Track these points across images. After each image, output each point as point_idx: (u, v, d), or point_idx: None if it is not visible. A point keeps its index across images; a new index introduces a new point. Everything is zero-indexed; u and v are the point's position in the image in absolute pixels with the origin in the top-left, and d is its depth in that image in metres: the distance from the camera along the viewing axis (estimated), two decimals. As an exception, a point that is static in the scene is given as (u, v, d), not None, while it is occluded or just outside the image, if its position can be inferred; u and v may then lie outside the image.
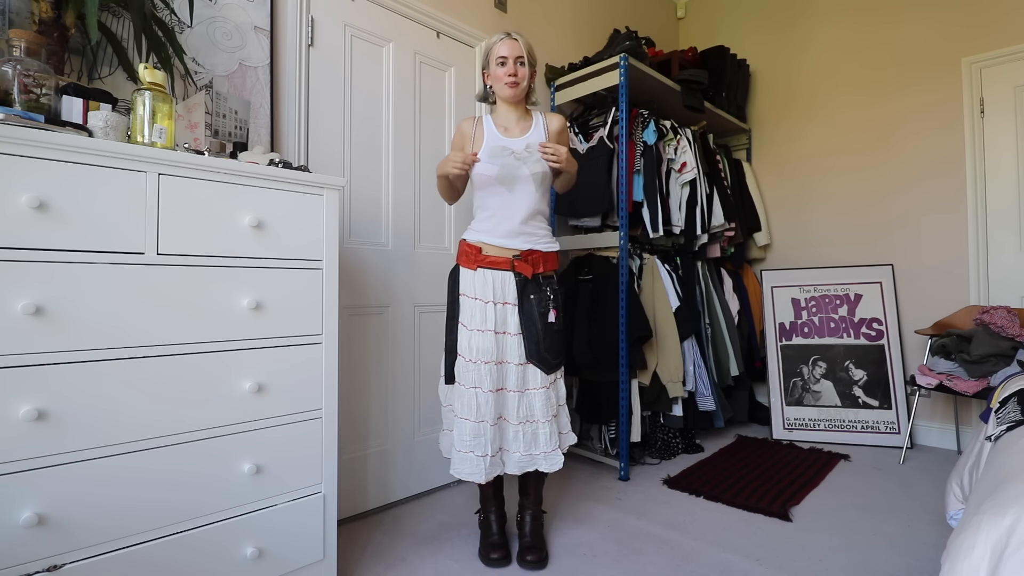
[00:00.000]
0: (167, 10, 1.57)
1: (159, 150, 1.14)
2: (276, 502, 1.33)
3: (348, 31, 2.04)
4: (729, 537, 1.82)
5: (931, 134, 2.87)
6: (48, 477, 1.02)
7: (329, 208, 1.45)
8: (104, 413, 1.08)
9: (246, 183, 1.29)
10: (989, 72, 2.71)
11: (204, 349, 1.22)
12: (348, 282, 1.99)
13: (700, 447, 2.78)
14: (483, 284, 1.59)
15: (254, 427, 1.30)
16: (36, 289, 1.01)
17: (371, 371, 2.06)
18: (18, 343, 0.99)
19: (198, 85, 1.64)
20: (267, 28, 1.81)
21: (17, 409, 0.98)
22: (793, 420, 2.99)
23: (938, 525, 1.88)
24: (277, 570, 1.33)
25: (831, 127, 3.22)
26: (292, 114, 1.86)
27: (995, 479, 1.08)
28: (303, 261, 1.40)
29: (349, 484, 1.95)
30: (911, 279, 2.93)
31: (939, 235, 2.85)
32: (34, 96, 1.14)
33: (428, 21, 2.29)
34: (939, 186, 2.84)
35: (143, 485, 1.13)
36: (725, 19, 3.69)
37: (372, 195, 2.10)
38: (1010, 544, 0.84)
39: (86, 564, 1.05)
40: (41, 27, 1.25)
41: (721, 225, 2.95)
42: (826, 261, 3.21)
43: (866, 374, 2.91)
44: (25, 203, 0.99)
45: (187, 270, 1.20)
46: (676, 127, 2.80)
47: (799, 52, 3.34)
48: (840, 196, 3.18)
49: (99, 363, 1.08)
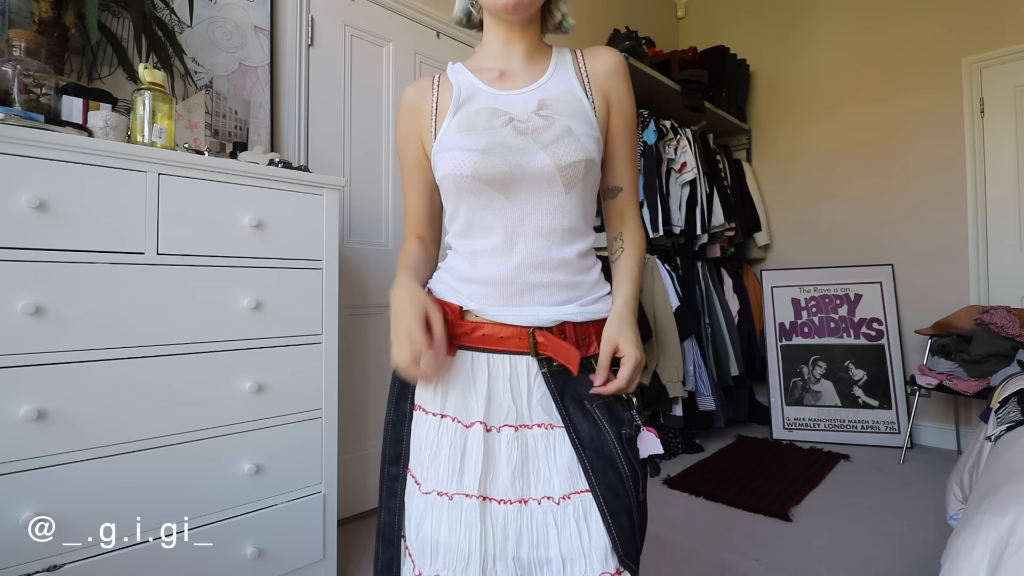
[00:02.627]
0: (167, 10, 1.57)
1: (159, 150, 1.14)
2: (276, 502, 1.33)
3: (348, 31, 2.04)
4: (729, 537, 1.81)
5: (931, 134, 2.87)
6: (48, 477, 1.02)
7: (329, 208, 1.44)
8: (104, 413, 1.08)
9: (246, 183, 1.29)
10: (989, 72, 2.71)
11: (204, 349, 1.22)
12: (348, 282, 1.99)
13: (700, 447, 2.78)
14: (464, 385, 0.73)
15: (254, 427, 1.30)
16: (36, 289, 1.00)
17: (371, 371, 2.06)
18: (18, 343, 0.99)
19: (198, 85, 1.64)
20: (267, 28, 1.81)
21: (17, 409, 0.98)
22: (793, 420, 2.99)
23: (938, 525, 1.88)
24: (277, 570, 1.33)
25: (831, 127, 3.21)
26: (292, 114, 1.86)
27: (995, 479, 1.08)
28: (303, 261, 1.40)
29: (349, 484, 1.95)
30: (911, 279, 2.93)
31: (939, 235, 2.84)
32: (34, 96, 1.14)
33: (428, 21, 2.29)
34: (939, 186, 2.84)
35: (143, 485, 1.13)
36: (725, 19, 3.69)
37: (372, 195, 2.10)
38: (1010, 544, 0.84)
39: (86, 564, 1.05)
40: (41, 27, 1.25)
41: (721, 225, 2.95)
42: (826, 261, 3.21)
43: (866, 374, 2.91)
44: (25, 203, 0.99)
45: (187, 270, 1.19)
46: (676, 127, 2.80)
47: (799, 52, 3.34)
48: (840, 196, 3.18)
49: (99, 363, 1.08)
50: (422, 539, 0.69)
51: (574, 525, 0.66)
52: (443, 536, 0.67)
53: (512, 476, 0.68)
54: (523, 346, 0.71)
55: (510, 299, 0.72)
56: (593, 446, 0.68)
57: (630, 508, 0.67)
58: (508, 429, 0.70)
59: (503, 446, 0.69)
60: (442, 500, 0.68)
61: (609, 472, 0.67)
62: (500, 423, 0.70)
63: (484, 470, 0.68)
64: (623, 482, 0.67)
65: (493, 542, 0.66)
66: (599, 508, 0.66)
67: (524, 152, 0.71)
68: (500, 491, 0.68)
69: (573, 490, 0.67)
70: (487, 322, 0.73)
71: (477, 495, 0.67)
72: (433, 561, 0.67)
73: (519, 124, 0.73)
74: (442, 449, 0.70)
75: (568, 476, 0.68)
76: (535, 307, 0.72)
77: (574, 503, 0.67)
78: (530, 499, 0.68)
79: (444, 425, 0.71)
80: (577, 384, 0.71)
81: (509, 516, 0.67)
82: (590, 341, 0.74)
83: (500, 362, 0.72)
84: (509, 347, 0.72)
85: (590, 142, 0.73)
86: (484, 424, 0.70)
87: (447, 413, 0.72)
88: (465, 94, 0.78)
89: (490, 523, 0.67)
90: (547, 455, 0.69)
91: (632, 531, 0.67)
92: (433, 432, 0.72)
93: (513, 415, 0.70)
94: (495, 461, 0.69)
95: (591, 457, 0.68)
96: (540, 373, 0.72)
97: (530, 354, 0.71)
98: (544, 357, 0.71)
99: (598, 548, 0.65)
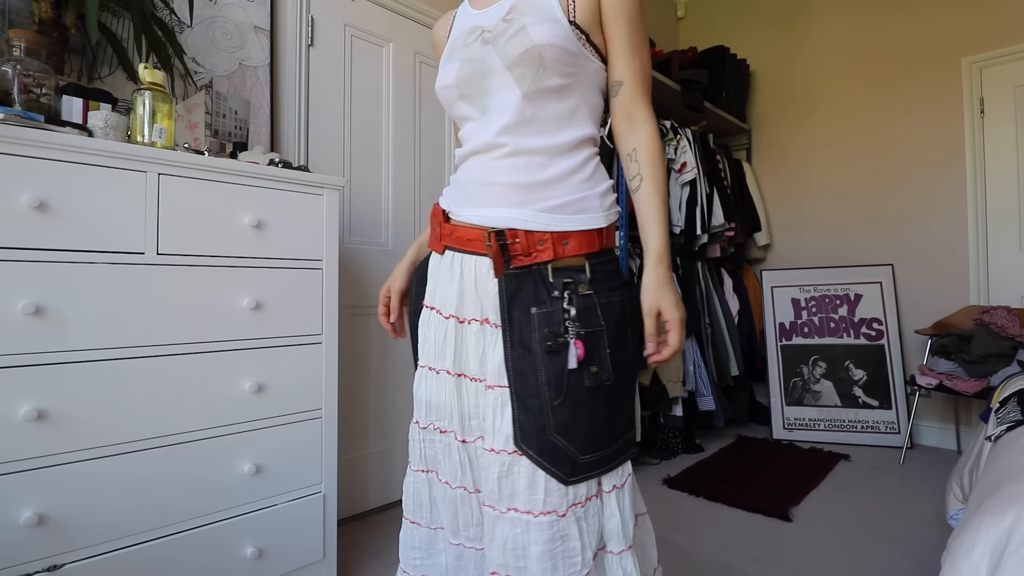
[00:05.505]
0: (167, 10, 1.57)
1: (159, 150, 1.14)
2: (276, 502, 1.33)
3: (348, 31, 2.04)
4: (729, 537, 1.81)
5: (931, 134, 2.87)
6: (48, 477, 1.02)
7: (329, 208, 1.44)
8: (104, 413, 1.08)
9: (246, 183, 1.29)
10: (989, 72, 2.71)
11: (204, 349, 1.22)
12: (348, 282, 1.99)
13: (700, 447, 2.78)
14: (448, 280, 0.83)
15: (254, 427, 1.30)
16: (36, 289, 1.00)
17: (371, 371, 2.06)
18: (18, 343, 0.99)
19: (198, 85, 1.64)
20: (267, 28, 1.81)
21: (17, 409, 0.98)
22: (793, 420, 2.99)
23: (938, 525, 1.88)
24: (277, 570, 1.33)
25: (831, 127, 3.21)
26: (292, 114, 1.86)
27: (995, 479, 1.08)
28: (303, 261, 1.40)
29: (349, 484, 1.95)
30: (911, 279, 2.93)
31: (939, 235, 2.85)
32: (34, 96, 1.14)
33: (428, 21, 2.29)
34: (939, 186, 2.84)
35: (143, 485, 1.13)
36: (725, 19, 3.69)
37: (372, 195, 2.10)
38: (1010, 544, 0.84)
39: (86, 564, 1.05)
40: (41, 27, 1.25)
41: (721, 225, 2.95)
42: (826, 261, 3.21)
43: (866, 374, 2.91)
44: (25, 203, 0.99)
45: (187, 270, 1.20)
46: (676, 127, 2.80)
47: (799, 53, 3.34)
48: (840, 195, 3.18)
49: (99, 363, 1.08)
50: (419, 399, 0.88)
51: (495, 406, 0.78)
52: (433, 397, 0.85)
53: (479, 360, 0.80)
54: (484, 248, 0.78)
55: (474, 200, 0.80)
56: (520, 346, 0.76)
57: (540, 401, 0.75)
58: (475, 323, 0.81)
59: (471, 336, 0.81)
60: (431, 373, 0.85)
61: (526, 373, 0.75)
62: (469, 317, 0.81)
63: (456, 355, 0.82)
64: (536, 383, 0.75)
65: (467, 405, 0.82)
66: (512, 403, 0.76)
67: (484, 59, 0.77)
68: (472, 370, 0.81)
69: (498, 383, 0.78)
70: (459, 224, 0.82)
71: (454, 372, 0.82)
72: (428, 414, 0.87)
73: (487, 35, 0.78)
74: (428, 335, 0.85)
75: (498, 371, 0.78)
76: (492, 208, 0.78)
77: (495, 393, 0.78)
78: (477, 378, 0.81)
79: (432, 316, 0.85)
80: (532, 290, 0.77)
81: (480, 389, 0.80)
82: (546, 246, 0.76)
83: (470, 262, 0.80)
84: (474, 248, 0.79)
85: (541, 30, 0.73)
86: (457, 317, 0.82)
87: (434, 306, 0.85)
88: (458, 21, 0.88)
89: (464, 393, 0.82)
90: (492, 348, 0.79)
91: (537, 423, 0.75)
92: (424, 321, 0.87)
93: (478, 310, 0.80)
94: (466, 347, 0.81)
95: (516, 360, 0.76)
96: (492, 275, 0.78)
97: (483, 255, 0.79)
98: (493, 259, 0.78)
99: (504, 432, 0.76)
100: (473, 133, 0.81)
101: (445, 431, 0.84)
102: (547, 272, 0.76)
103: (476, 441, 0.81)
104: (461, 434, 0.82)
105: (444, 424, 0.84)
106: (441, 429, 0.85)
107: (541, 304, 0.75)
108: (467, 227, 0.79)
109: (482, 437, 0.80)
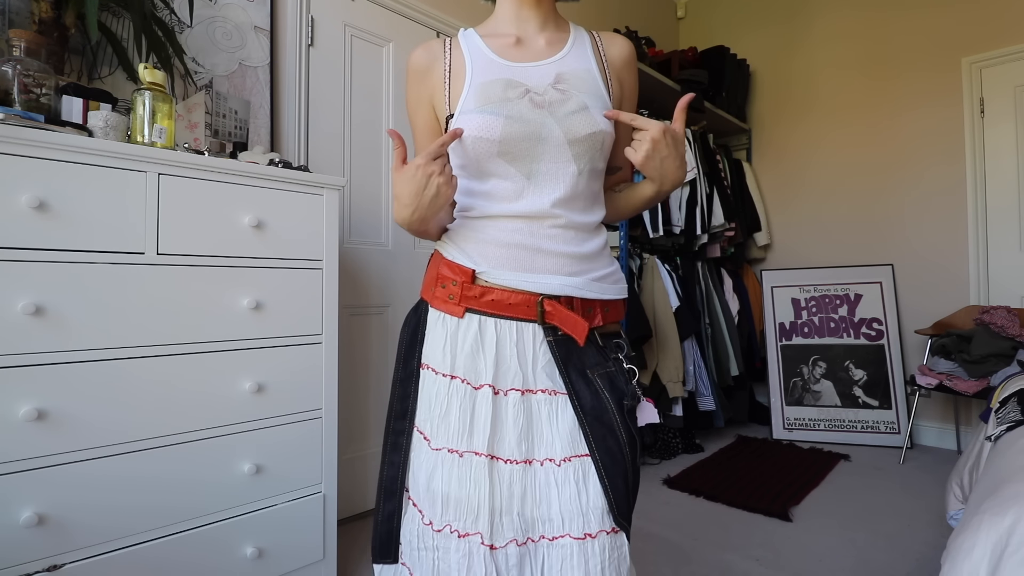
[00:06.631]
0: (167, 10, 1.57)
1: (159, 150, 1.14)
2: (276, 502, 1.33)
3: (348, 31, 2.04)
4: (729, 537, 1.81)
5: (931, 134, 2.87)
6: (48, 477, 1.02)
7: (329, 208, 1.44)
8: (104, 413, 1.08)
9: (246, 183, 1.29)
10: (989, 72, 2.71)
11: (204, 349, 1.22)
12: (348, 282, 1.99)
13: (700, 447, 2.78)
14: (474, 348, 0.74)
15: (254, 427, 1.30)
16: (36, 289, 1.00)
17: (371, 371, 2.06)
18: (18, 343, 0.99)
19: (198, 85, 1.64)
20: (267, 28, 1.81)
21: (17, 409, 0.98)
22: (793, 420, 2.99)
23: (938, 525, 1.88)
24: (277, 570, 1.33)
25: (831, 127, 3.21)
26: (292, 114, 1.86)
27: (995, 479, 1.08)
28: (303, 261, 1.40)
29: (349, 484, 1.95)
30: (911, 279, 2.93)
31: (939, 235, 2.85)
32: (34, 96, 1.14)
33: (428, 21, 2.29)
34: (939, 186, 2.84)
35: (143, 485, 1.13)
36: (725, 19, 3.69)
37: (372, 195, 2.10)
38: (1010, 544, 0.84)
39: (86, 564, 1.05)
40: (41, 27, 1.25)
41: (721, 225, 2.95)
42: (826, 261, 3.21)
43: (866, 374, 2.91)
44: (25, 203, 0.99)
45: (187, 270, 1.20)
46: (676, 127, 2.79)
47: (800, 53, 3.34)
48: (840, 196, 3.18)
49: (99, 363, 1.08)
50: (433, 491, 0.72)
51: (573, 486, 0.69)
52: (453, 490, 0.70)
53: (518, 438, 0.71)
54: (531, 314, 0.73)
55: (520, 265, 0.74)
56: (594, 413, 0.72)
57: (626, 472, 0.71)
58: (515, 393, 0.72)
59: (510, 409, 0.72)
60: (452, 457, 0.71)
61: (608, 439, 0.71)
62: (507, 387, 0.73)
63: (492, 431, 0.71)
64: (620, 448, 0.71)
65: (500, 497, 0.69)
66: (597, 471, 0.70)
67: (541, 125, 0.73)
68: (507, 451, 0.71)
69: (573, 453, 0.70)
70: (496, 287, 0.74)
71: (486, 454, 0.70)
72: (444, 512, 0.71)
73: (535, 97, 0.75)
74: (452, 409, 0.73)
75: (569, 440, 0.71)
76: (545, 275, 0.74)
77: (574, 465, 0.70)
78: (534, 460, 0.71)
79: (454, 386, 0.74)
80: (581, 354, 0.75)
81: (515, 475, 0.70)
82: (595, 313, 0.76)
83: (508, 328, 0.74)
84: (517, 314, 0.74)
85: (601, 116, 0.76)
86: (492, 387, 0.72)
87: (456, 375, 0.74)
88: (479, 64, 0.78)
89: (497, 480, 0.70)
90: (550, 419, 0.72)
91: (627, 493, 0.71)
92: (443, 392, 0.74)
93: (520, 380, 0.73)
94: (502, 423, 0.72)
95: (591, 423, 0.71)
96: (545, 341, 0.74)
97: (536, 322, 0.74)
98: (550, 325, 0.74)
99: (595, 508, 0.69)
100: (513, 194, 0.75)
101: (465, 534, 0.69)
102: (595, 337, 0.76)
103: (508, 546, 0.69)
104: (490, 537, 0.68)
105: (465, 525, 0.69)
106: (460, 532, 0.69)
107: (598, 367, 0.74)
108: (510, 291, 0.73)
109: (532, 539, 0.69)
